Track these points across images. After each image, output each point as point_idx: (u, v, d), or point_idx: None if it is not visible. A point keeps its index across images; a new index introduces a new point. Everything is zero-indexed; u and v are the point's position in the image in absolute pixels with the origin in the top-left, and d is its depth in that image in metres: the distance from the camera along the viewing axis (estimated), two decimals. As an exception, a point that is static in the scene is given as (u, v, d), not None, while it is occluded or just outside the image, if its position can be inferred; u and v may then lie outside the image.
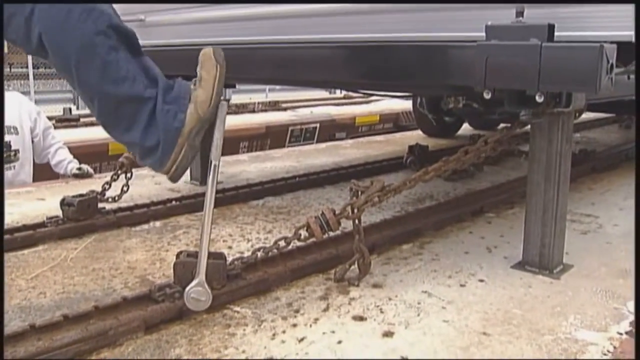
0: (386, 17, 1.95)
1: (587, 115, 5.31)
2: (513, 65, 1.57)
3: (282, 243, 1.75)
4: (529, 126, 1.85)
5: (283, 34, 2.24)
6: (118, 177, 2.75)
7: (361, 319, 1.55)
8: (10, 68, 11.83)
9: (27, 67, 10.03)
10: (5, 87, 9.33)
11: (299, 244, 1.81)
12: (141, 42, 1.63)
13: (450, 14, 1.80)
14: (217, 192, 1.69)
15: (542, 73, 1.51)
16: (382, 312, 1.60)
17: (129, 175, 2.75)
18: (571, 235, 2.14)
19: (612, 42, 1.50)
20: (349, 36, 2.04)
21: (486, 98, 1.68)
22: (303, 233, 1.75)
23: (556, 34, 1.55)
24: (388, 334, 1.47)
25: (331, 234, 1.79)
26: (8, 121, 3.33)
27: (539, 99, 1.59)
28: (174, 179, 1.60)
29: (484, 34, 1.63)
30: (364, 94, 5.89)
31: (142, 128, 1.55)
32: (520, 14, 1.59)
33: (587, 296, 1.71)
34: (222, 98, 1.57)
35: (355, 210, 1.76)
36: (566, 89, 1.62)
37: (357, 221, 1.77)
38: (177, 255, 1.65)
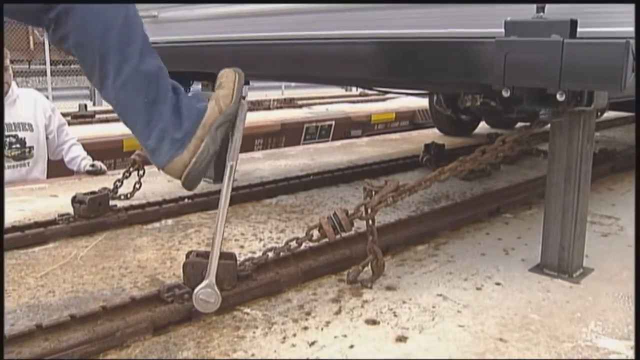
0: (403, 13, 1.91)
1: (606, 114, 5.22)
2: (533, 62, 1.51)
3: (293, 244, 1.72)
4: (548, 125, 1.80)
5: (298, 30, 2.21)
6: (130, 174, 2.74)
7: (374, 322, 1.51)
8: (29, 65, 11.97)
9: (44, 64, 10.15)
10: (24, 84, 9.42)
11: (311, 244, 1.77)
12: (154, 38, 1.60)
13: (468, 10, 1.75)
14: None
15: (564, 71, 1.46)
16: (395, 315, 1.56)
17: (141, 172, 2.74)
18: (591, 237, 2.08)
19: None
20: (365, 32, 2.00)
21: (505, 96, 1.63)
22: (315, 233, 1.71)
23: (579, 29, 1.49)
24: (401, 339, 1.43)
25: (344, 234, 1.75)
26: (23, 118, 3.33)
27: (560, 97, 1.53)
28: (191, 178, 1.48)
29: (503, 30, 1.58)
30: (380, 91, 5.84)
31: (170, 106, 1.49)
32: (541, 9, 1.54)
33: (609, 301, 1.66)
34: (243, 96, 1.56)
35: (369, 211, 1.72)
36: (589, 87, 1.57)
37: (370, 222, 1.73)
38: (187, 255, 1.63)
